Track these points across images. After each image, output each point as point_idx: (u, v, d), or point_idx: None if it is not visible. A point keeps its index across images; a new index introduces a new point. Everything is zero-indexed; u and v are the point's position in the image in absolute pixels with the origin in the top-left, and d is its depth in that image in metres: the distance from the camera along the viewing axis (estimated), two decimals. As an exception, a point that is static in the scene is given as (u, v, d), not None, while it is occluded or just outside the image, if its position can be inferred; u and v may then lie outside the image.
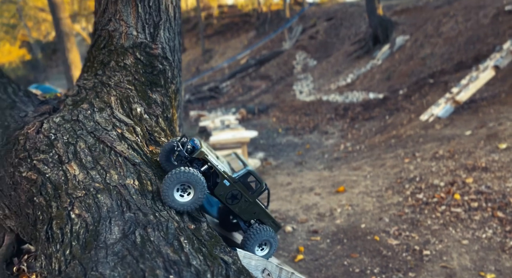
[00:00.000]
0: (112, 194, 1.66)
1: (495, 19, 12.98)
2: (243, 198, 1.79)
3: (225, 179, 1.73)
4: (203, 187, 1.62)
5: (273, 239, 1.85)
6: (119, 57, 2.23)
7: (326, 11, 22.95)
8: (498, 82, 9.61)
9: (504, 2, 13.37)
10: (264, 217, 1.89)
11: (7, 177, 1.91)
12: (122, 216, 1.59)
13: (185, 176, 1.60)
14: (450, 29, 13.97)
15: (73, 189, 1.69)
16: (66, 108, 2.04)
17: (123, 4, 2.21)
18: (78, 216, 1.59)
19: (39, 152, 1.85)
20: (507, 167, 5.46)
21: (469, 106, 8.94)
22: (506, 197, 4.73)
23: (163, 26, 2.32)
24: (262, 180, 1.79)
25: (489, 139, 6.66)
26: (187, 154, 1.74)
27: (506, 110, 7.98)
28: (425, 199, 5.25)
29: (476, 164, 5.79)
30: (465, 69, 11.37)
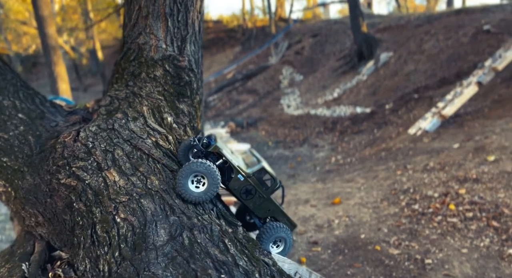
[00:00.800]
0: (155, 199, 1.71)
1: (474, 38, 13.59)
2: (257, 194, 1.81)
3: (239, 173, 1.77)
4: (217, 177, 1.66)
5: (287, 237, 1.86)
6: (149, 69, 2.30)
7: (311, 28, 23.51)
8: (481, 97, 10.03)
9: (482, 22, 14.04)
10: (279, 215, 1.92)
11: (43, 184, 1.92)
12: (167, 219, 1.63)
13: (199, 166, 1.66)
14: (432, 47, 14.53)
15: (116, 194, 1.72)
16: (100, 118, 2.08)
17: (154, 19, 2.29)
18: (124, 219, 1.63)
19: (77, 159, 1.88)
20: (497, 179, 5.69)
21: (454, 120, 9.28)
22: (499, 207, 4.92)
23: (189, 40, 2.42)
24: (276, 177, 1.82)
25: (477, 151, 6.92)
26: (202, 148, 1.80)
27: (490, 124, 8.31)
28: (421, 210, 5.40)
29: (467, 176, 6.01)
30: (448, 85, 11.82)
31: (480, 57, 12.35)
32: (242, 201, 1.85)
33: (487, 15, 14.93)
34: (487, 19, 14.27)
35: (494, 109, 9.24)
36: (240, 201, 1.89)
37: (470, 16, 15.65)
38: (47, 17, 13.44)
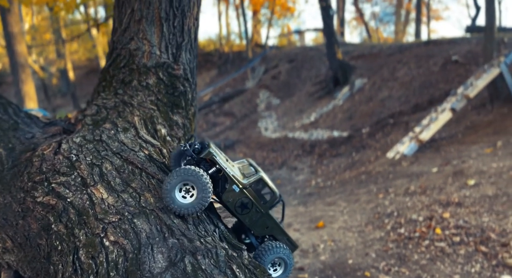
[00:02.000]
0: (150, 219, 1.48)
1: (443, 68, 14.19)
2: (254, 208, 1.60)
3: (234, 184, 1.56)
4: (207, 187, 1.45)
5: (288, 258, 1.66)
6: (141, 76, 2.10)
7: (287, 54, 23.95)
8: (454, 123, 10.33)
9: (451, 53, 14.72)
10: (278, 233, 1.71)
11: (15, 204, 1.64)
12: (165, 242, 1.40)
13: (186, 173, 1.44)
14: (404, 75, 15.03)
15: (104, 214, 1.48)
16: (86, 128, 1.84)
17: (148, 23, 2.11)
18: (114, 243, 1.38)
19: (58, 174, 1.62)
20: (479, 202, 5.71)
21: (431, 145, 9.45)
22: (485, 232, 4.89)
23: (185, 48, 2.24)
24: (276, 189, 1.63)
25: (456, 175, 6.99)
26: (194, 154, 1.58)
27: (465, 149, 8.50)
28: (407, 234, 5.30)
29: (449, 200, 6.01)
30: (421, 111, 12.15)
31: (450, 85, 12.84)
32: (237, 216, 1.64)
33: (454, 46, 15.70)
34: (455, 50, 14.98)
35: (468, 135, 9.50)
36: (234, 215, 1.67)
37: (438, 47, 16.41)
38: (17, 34, 13.02)
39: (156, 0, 2.10)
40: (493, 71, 9.77)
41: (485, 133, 9.23)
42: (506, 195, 5.75)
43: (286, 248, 1.66)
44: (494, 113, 10.10)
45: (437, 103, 11.69)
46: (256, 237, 1.72)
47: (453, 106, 9.42)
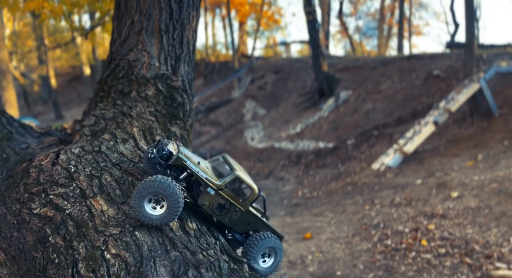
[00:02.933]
0: (152, 231, 1.46)
1: (425, 82, 14.56)
2: (232, 207, 1.57)
3: (208, 187, 1.52)
4: (177, 196, 1.41)
5: (278, 247, 1.64)
6: (140, 87, 2.10)
7: (273, 65, 24.17)
8: (436, 137, 10.57)
9: (432, 67, 15.13)
10: (261, 228, 1.68)
11: (10, 215, 1.60)
12: (167, 255, 1.39)
13: (153, 185, 1.40)
14: (388, 88, 15.36)
15: (104, 226, 1.46)
16: (84, 139, 1.82)
17: (148, 35, 2.12)
18: (115, 256, 1.36)
19: (56, 185, 1.60)
20: (463, 214, 5.83)
21: (414, 157, 9.63)
22: (469, 243, 4.99)
23: (184, 60, 2.26)
24: (255, 185, 1.58)
25: (440, 187, 7.14)
26: (162, 161, 1.53)
27: (448, 162, 8.70)
28: (394, 245, 5.35)
29: (434, 211, 6.11)
30: (405, 123, 12.40)
31: (432, 99, 13.17)
32: (216, 217, 1.61)
33: (435, 61, 16.15)
34: (436, 65, 15.41)
35: (450, 148, 9.73)
36: (213, 217, 1.65)
37: (420, 61, 16.85)
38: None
39: (157, 12, 2.11)
40: (473, 86, 10.08)
41: (466, 147, 9.48)
42: (488, 207, 5.89)
43: (275, 237, 1.63)
44: (474, 127, 10.39)
45: (420, 116, 11.96)
46: (240, 233, 1.70)
47: (435, 119, 9.66)
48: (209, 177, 1.53)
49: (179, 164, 1.51)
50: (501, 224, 5.34)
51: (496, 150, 8.63)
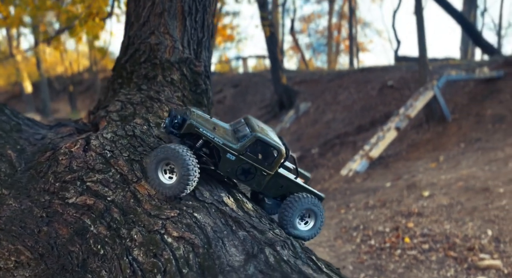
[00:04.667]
0: (211, 212, 1.32)
1: (381, 92, 15.27)
2: (258, 172, 1.45)
3: (228, 153, 1.41)
4: (186, 164, 1.31)
5: (317, 208, 1.52)
6: (165, 71, 1.96)
7: (230, 79, 24.23)
8: (397, 142, 11.03)
9: (386, 78, 15.93)
10: (296, 189, 1.54)
11: (38, 209, 1.38)
12: (235, 235, 1.26)
13: (160, 152, 1.32)
14: (346, 99, 15.91)
15: (158, 210, 1.30)
16: (114, 124, 1.64)
17: (170, 16, 1.99)
18: (177, 238, 1.21)
19: (93, 171, 1.41)
20: (438, 212, 6.05)
21: (379, 162, 9.96)
22: (450, 238, 5.16)
23: (204, 44, 2.15)
24: (281, 146, 1.45)
25: (410, 188, 7.39)
26: (174, 130, 1.44)
27: (412, 165, 9.08)
28: (378, 245, 5.41)
29: (410, 210, 6.29)
30: (365, 131, 12.86)
31: (388, 108, 13.81)
32: (243, 183, 1.50)
33: (387, 73, 17.04)
34: (389, 76, 16.25)
35: (411, 152, 10.19)
36: (240, 183, 1.53)
37: (373, 73, 17.69)
38: None
39: None
40: (428, 94, 10.71)
41: (426, 150, 9.97)
42: (459, 203, 6.17)
43: (313, 198, 1.51)
44: (431, 132, 11.00)
45: (378, 124, 12.47)
46: (274, 197, 1.58)
47: (397, 125, 10.10)
48: (228, 141, 1.41)
49: (193, 131, 1.40)
50: (475, 218, 5.59)
51: (455, 151, 9.16)
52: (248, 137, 1.41)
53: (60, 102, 33.52)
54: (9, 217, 1.38)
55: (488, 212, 5.72)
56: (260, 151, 1.43)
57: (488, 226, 5.33)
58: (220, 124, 1.50)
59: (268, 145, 1.41)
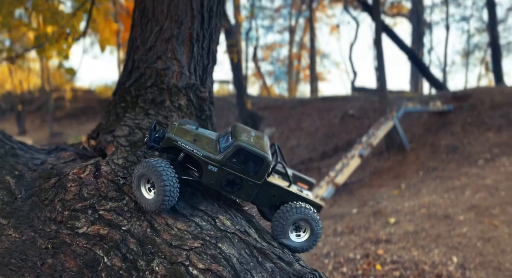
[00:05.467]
0: (235, 242, 1.26)
1: (342, 120, 15.83)
2: (244, 182, 1.38)
3: (209, 164, 1.35)
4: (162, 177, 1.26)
5: (312, 219, 1.43)
6: (173, 97, 1.92)
7: (194, 102, 24.15)
8: (360, 169, 11.37)
9: (347, 107, 16.57)
10: (289, 198, 1.45)
11: (42, 239, 1.25)
12: (262, 267, 1.21)
13: (141, 167, 1.29)
14: (309, 125, 16.31)
15: (179, 240, 1.22)
16: (123, 150, 1.55)
17: (178, 43, 1.96)
18: (204, 270, 1.15)
19: (105, 199, 1.31)
20: (404, 238, 6.22)
21: (344, 188, 10.17)
22: (418, 265, 5.29)
23: (209, 71, 2.14)
24: (265, 154, 1.37)
25: (376, 215, 7.57)
26: (155, 145, 1.40)
27: (376, 192, 9.35)
28: (351, 272, 5.43)
29: (378, 237, 6.41)
30: (328, 158, 13.17)
31: (350, 135, 14.31)
32: (231, 195, 1.42)
33: (348, 102, 17.77)
34: (350, 105, 16.94)
35: (374, 179, 10.52)
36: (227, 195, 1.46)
37: (335, 102, 18.37)
38: None
39: (188, 20, 1.98)
40: (389, 124, 11.23)
41: (388, 178, 10.34)
42: (424, 230, 6.38)
43: (308, 208, 1.43)
44: (391, 160, 11.46)
45: (341, 151, 12.83)
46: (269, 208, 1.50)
47: (360, 152, 10.43)
48: (208, 153, 1.35)
49: (171, 144, 1.36)
50: (440, 245, 5.80)
51: (415, 179, 9.57)
52: (229, 147, 1.36)
53: (6, 122, 31.63)
54: (8, 249, 1.23)
55: (451, 239, 5.95)
56: (244, 160, 1.36)
57: (453, 253, 5.53)
58: (205, 135, 1.44)
59: (251, 153, 1.35)
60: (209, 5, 1.98)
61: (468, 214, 6.73)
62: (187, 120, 1.58)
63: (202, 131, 1.48)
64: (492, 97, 13.15)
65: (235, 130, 1.46)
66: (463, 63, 32.27)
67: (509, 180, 7.95)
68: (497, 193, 7.44)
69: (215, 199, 1.44)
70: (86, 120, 31.65)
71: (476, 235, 5.93)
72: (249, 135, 1.44)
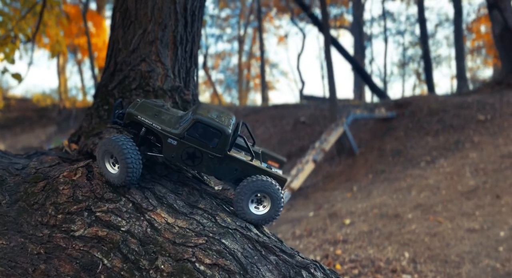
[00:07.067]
0: (237, 238, 1.31)
1: (294, 127, 16.26)
2: (205, 155, 1.38)
3: (168, 138, 1.36)
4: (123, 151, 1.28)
5: (272, 190, 1.39)
6: (158, 99, 1.90)
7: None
8: (313, 174, 11.73)
9: (299, 115, 17.06)
10: (253, 172, 1.42)
11: (32, 245, 1.22)
12: (266, 260, 1.27)
13: (104, 144, 1.33)
14: (263, 133, 16.55)
15: (183, 238, 1.25)
16: None
17: (162, 45, 1.97)
18: (211, 266, 1.20)
19: (102, 201, 1.30)
20: (360, 238, 6.52)
21: (299, 193, 10.43)
22: (374, 262, 5.58)
23: (192, 74, 2.17)
24: (223, 126, 1.37)
25: (332, 217, 7.86)
26: (118, 120, 1.43)
27: (329, 195, 9.70)
28: (312, 273, 5.59)
29: (335, 238, 6.67)
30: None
31: (302, 142, 14.73)
32: (192, 169, 1.43)
33: (299, 110, 18.29)
34: (301, 113, 17.45)
35: (327, 183, 10.91)
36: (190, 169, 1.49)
37: (286, 110, 18.83)
38: None
39: (172, 23, 1.99)
40: (339, 130, 11.73)
41: (340, 181, 10.78)
42: (377, 229, 6.74)
43: (269, 180, 1.40)
44: (342, 164, 11.96)
45: (295, 157, 13.16)
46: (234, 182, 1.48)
47: (314, 158, 10.77)
48: (167, 126, 1.37)
49: (132, 119, 1.39)
50: (393, 242, 6.16)
51: (365, 182, 10.06)
52: (187, 120, 1.38)
53: None
54: (-2, 257, 1.18)
55: (402, 236, 6.35)
56: (203, 133, 1.37)
57: (405, 249, 5.90)
58: (168, 112, 1.46)
59: (209, 126, 1.36)
60: (191, 9, 2.02)
61: (415, 212, 7.22)
62: (157, 100, 1.60)
63: (167, 109, 1.48)
64: (429, 104, 14.23)
65: (197, 107, 1.48)
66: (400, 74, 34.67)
67: (448, 180, 8.65)
68: (438, 192, 8.05)
69: (212, 197, 1.48)
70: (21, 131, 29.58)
71: (424, 231, 6.37)
72: (210, 110, 1.46)
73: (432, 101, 14.45)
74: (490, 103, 11.95)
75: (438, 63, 33.20)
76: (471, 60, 31.94)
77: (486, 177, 7.98)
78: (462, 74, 20.01)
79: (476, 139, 10.34)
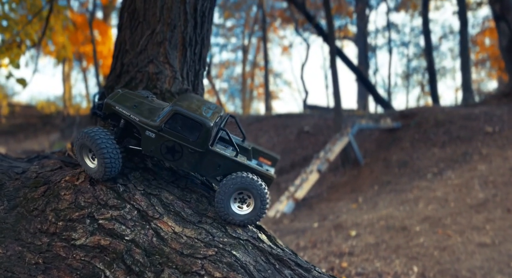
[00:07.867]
0: (249, 249, 1.20)
1: (298, 136, 16.16)
2: (185, 150, 1.28)
3: (146, 130, 1.28)
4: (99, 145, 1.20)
5: (256, 188, 1.30)
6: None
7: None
8: (317, 184, 11.59)
9: (302, 124, 16.97)
10: (236, 169, 1.34)
11: (32, 254, 1.11)
12: (280, 275, 1.16)
13: (79, 138, 1.27)
14: (266, 141, 16.45)
15: (191, 249, 1.14)
16: None
17: (171, 47, 1.88)
18: None
19: (105, 207, 1.19)
20: (367, 250, 6.35)
21: (303, 203, 10.28)
22: (382, 276, 5.40)
23: (201, 77, 2.08)
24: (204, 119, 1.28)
25: (337, 228, 7.69)
26: (98, 112, 1.37)
27: (334, 206, 9.54)
28: (317, 286, 5.42)
29: (341, 250, 6.50)
30: (286, 173, 13.30)
31: (306, 151, 14.61)
32: (173, 164, 1.32)
33: (302, 119, 18.23)
34: (304, 122, 17.37)
35: (332, 194, 10.75)
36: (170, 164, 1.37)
37: (290, 119, 18.76)
38: None
39: (182, 24, 1.91)
40: (344, 140, 11.62)
41: (345, 192, 10.62)
42: (384, 242, 6.57)
43: (249, 177, 1.30)
44: (347, 175, 11.81)
45: (298, 166, 13.03)
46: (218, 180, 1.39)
47: (318, 168, 10.65)
48: (145, 118, 1.28)
49: (111, 110, 1.32)
50: (400, 256, 5.98)
51: (370, 193, 9.90)
52: (166, 112, 1.28)
53: None
54: (-8, 267, 1.07)
55: (410, 250, 6.17)
56: (182, 126, 1.28)
57: (413, 263, 5.73)
58: (150, 104, 1.37)
59: (189, 118, 1.26)
60: (201, 10, 1.94)
61: (423, 225, 7.04)
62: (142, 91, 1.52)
63: (150, 100, 1.39)
64: (435, 115, 14.12)
65: (181, 97, 1.38)
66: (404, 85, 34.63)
67: (456, 192, 8.48)
68: (447, 204, 7.88)
69: (221, 206, 1.37)
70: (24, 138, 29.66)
71: (433, 245, 6.20)
72: (192, 102, 1.36)
73: (438, 113, 14.33)
74: (498, 115, 11.81)
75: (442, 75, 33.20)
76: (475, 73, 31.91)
77: (495, 189, 7.82)
78: (468, 86, 19.91)
79: (484, 151, 10.19)
